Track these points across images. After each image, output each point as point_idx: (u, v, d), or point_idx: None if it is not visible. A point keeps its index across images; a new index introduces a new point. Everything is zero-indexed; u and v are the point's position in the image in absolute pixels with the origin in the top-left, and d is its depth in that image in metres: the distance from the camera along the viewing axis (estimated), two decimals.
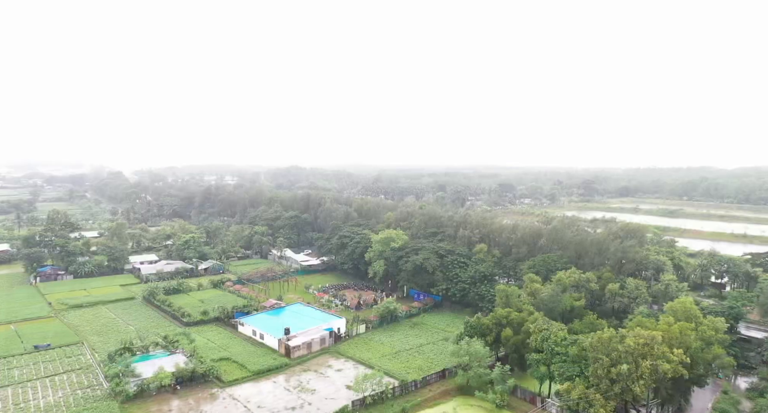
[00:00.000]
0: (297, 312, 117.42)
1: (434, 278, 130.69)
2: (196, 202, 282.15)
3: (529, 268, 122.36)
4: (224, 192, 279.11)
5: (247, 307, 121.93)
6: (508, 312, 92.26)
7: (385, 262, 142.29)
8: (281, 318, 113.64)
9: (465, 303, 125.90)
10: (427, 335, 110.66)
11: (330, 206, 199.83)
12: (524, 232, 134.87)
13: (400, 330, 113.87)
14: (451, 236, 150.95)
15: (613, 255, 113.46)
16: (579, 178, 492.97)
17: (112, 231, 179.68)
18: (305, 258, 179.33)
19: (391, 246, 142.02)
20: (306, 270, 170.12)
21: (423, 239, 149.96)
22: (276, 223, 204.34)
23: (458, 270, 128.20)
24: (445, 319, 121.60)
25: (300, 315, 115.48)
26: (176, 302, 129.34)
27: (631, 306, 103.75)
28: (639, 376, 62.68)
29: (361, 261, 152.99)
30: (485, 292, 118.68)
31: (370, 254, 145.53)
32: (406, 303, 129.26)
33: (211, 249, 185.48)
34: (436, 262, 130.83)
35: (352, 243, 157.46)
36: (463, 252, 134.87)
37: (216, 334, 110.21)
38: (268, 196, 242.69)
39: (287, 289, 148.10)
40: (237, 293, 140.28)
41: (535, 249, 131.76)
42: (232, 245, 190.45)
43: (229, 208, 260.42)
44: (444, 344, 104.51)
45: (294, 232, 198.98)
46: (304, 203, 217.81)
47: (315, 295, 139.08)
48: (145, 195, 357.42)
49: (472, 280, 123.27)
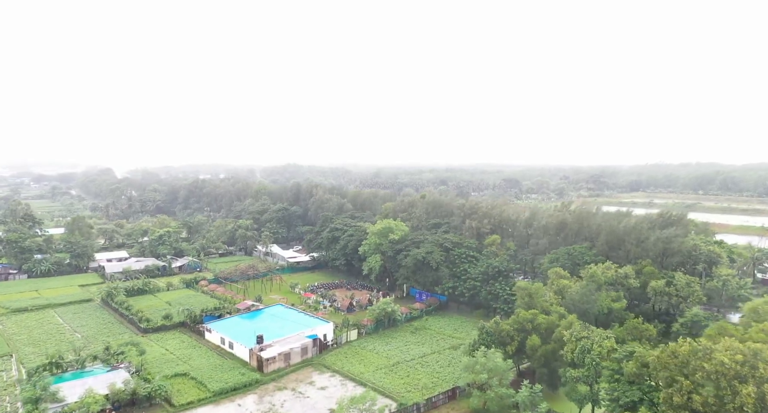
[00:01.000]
0: (276, 316, 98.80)
1: (439, 275, 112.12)
2: (181, 197, 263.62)
3: (551, 262, 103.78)
4: (209, 185, 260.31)
5: (219, 310, 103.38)
6: (534, 315, 73.63)
7: (381, 257, 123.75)
8: (256, 322, 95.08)
9: (475, 304, 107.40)
10: (431, 342, 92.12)
11: (322, 197, 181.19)
12: (544, 221, 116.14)
13: (399, 336, 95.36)
14: (457, 227, 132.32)
15: (653, 246, 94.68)
16: (585, 174, 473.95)
17: (70, 224, 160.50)
18: (293, 254, 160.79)
19: (389, 238, 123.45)
20: (294, 267, 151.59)
21: (425, 231, 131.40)
22: (262, 217, 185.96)
23: (467, 266, 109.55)
24: (452, 323, 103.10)
25: (279, 319, 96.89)
26: (138, 304, 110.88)
27: (681, 307, 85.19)
28: (738, 407, 43.99)
29: (355, 257, 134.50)
30: (500, 291, 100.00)
31: (364, 247, 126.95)
32: (406, 304, 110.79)
33: (189, 245, 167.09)
34: (440, 256, 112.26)
35: (344, 236, 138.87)
36: (473, 245, 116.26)
37: (177, 343, 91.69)
38: (255, 189, 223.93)
39: (270, 289, 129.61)
40: (211, 294, 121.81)
41: (557, 241, 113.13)
42: (213, 241, 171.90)
43: (215, 202, 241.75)
44: (452, 353, 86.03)
45: (282, 226, 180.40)
46: (293, 195, 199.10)
47: (301, 296, 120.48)
48: (130, 191, 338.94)
49: (483, 277, 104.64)
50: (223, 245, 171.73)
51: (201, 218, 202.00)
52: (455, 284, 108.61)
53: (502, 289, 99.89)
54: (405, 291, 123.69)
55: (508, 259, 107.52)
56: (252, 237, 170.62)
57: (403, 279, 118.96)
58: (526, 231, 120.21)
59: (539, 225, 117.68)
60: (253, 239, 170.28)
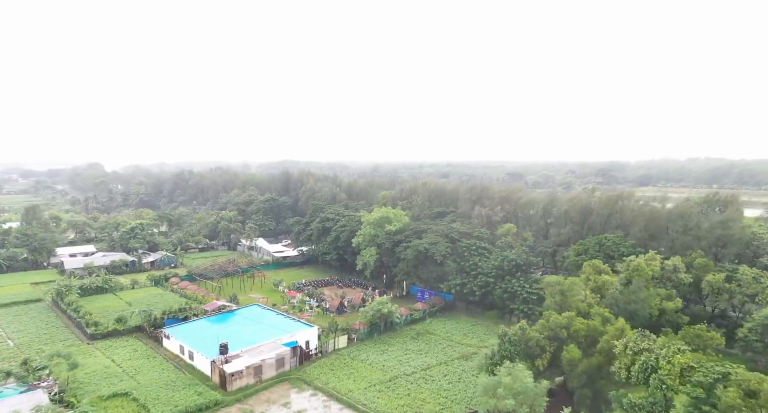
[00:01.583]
0: (250, 319, 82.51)
1: (444, 270, 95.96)
2: (166, 189, 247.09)
3: (578, 254, 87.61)
4: (195, 177, 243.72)
5: (184, 311, 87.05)
6: (569, 319, 57.39)
7: (378, 250, 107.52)
8: (226, 327, 78.82)
9: (488, 304, 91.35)
10: (436, 350, 75.98)
11: (314, 186, 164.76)
12: (566, 207, 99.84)
13: (398, 342, 79.28)
14: (465, 216, 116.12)
15: (707, 234, 78.32)
16: (592, 168, 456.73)
17: (25, 215, 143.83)
18: (280, 248, 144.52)
19: (386, 229, 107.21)
20: (280, 263, 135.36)
21: (428, 220, 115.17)
22: (248, 209, 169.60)
23: (477, 259, 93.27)
24: (461, 327, 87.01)
25: (254, 322, 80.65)
26: (92, 305, 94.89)
27: (746, 308, 68.96)
28: None
29: (348, 251, 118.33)
30: (518, 288, 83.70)
31: (358, 239, 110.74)
32: (406, 305, 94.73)
33: (165, 239, 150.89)
34: (446, 248, 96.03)
35: (336, 227, 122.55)
36: (484, 235, 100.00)
37: (129, 352, 75.52)
38: (242, 179, 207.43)
39: (251, 287, 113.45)
40: (181, 292, 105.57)
41: (581, 230, 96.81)
42: (192, 234, 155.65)
43: (201, 195, 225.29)
44: (462, 365, 69.98)
45: (269, 218, 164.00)
46: (283, 184, 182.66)
47: (284, 294, 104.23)
48: (116, 185, 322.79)
49: (497, 272, 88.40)
50: (203, 239, 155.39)
51: (183, 210, 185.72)
52: (464, 281, 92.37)
53: (521, 287, 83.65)
54: (405, 289, 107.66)
55: (527, 251, 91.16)
56: (235, 230, 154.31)
57: (402, 275, 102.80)
58: (544, 220, 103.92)
59: (560, 213, 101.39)
60: (236, 232, 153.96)
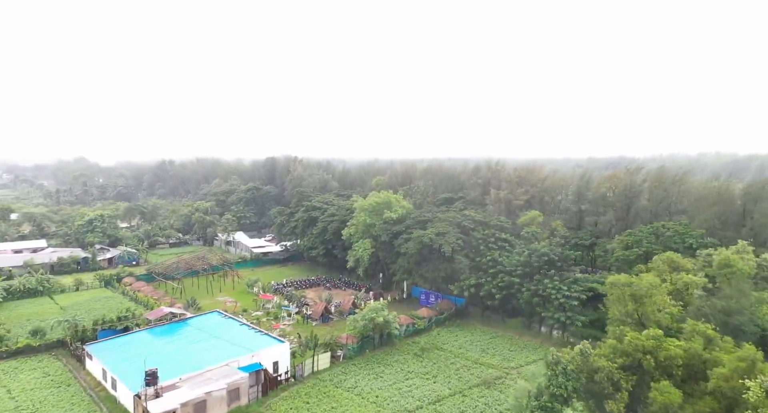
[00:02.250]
0: (204, 332, 63.18)
1: (454, 267, 76.87)
2: (146, 181, 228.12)
3: (627, 247, 68.52)
4: (176, 167, 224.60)
5: (125, 321, 68.02)
6: (657, 340, 38.22)
7: (373, 243, 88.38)
8: (168, 343, 59.60)
9: (510, 310, 72.48)
10: (447, 373, 56.99)
11: (301, 173, 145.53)
12: (605, 189, 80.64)
13: (396, 362, 60.33)
14: (476, 203, 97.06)
15: None
16: (600, 163, 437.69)
17: None
18: (261, 243, 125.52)
19: (385, 216, 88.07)
20: (260, 260, 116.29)
21: (432, 207, 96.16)
22: (228, 199, 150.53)
23: (497, 254, 74.02)
24: (477, 339, 68.11)
25: (207, 336, 61.36)
26: (14, 312, 76.18)
27: None
28: None
29: (338, 245, 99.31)
30: (552, 291, 64.48)
31: (350, 230, 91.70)
32: (407, 311, 75.85)
33: (131, 232, 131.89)
34: (457, 240, 76.82)
35: (324, 217, 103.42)
36: (505, 224, 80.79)
37: (38, 377, 56.45)
38: (225, 169, 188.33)
39: (220, 288, 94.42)
40: (132, 295, 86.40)
41: (627, 217, 77.67)
42: (163, 228, 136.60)
43: (181, 186, 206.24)
44: (484, 396, 51.08)
45: (251, 210, 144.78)
46: (268, 172, 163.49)
47: (257, 297, 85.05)
48: (98, 178, 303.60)
49: (524, 270, 69.25)
50: (175, 233, 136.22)
51: (156, 201, 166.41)
52: (479, 280, 73.17)
53: (555, 288, 64.46)
54: (405, 290, 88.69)
55: (561, 243, 71.86)
56: (212, 223, 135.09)
57: (402, 273, 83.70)
58: (577, 206, 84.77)
59: (597, 197, 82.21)
60: (213, 225, 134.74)
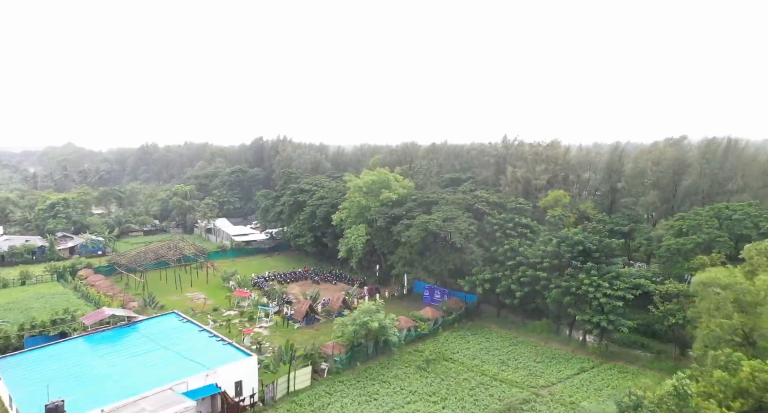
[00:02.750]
0: (153, 341, 50.24)
1: (464, 258, 63.87)
2: (129, 165, 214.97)
3: (679, 234, 55.58)
4: (160, 151, 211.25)
5: (61, 325, 55.39)
6: None
7: (368, 229, 75.34)
8: (103, 356, 46.68)
9: (532, 310, 59.82)
10: (459, 394, 44.43)
11: (291, 154, 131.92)
12: (642, 164, 67.36)
13: (395, 377, 47.68)
14: (487, 183, 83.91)
15: None
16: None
17: None
18: (244, 231, 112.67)
19: (383, 196, 75.00)
20: (242, 249, 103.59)
21: (438, 188, 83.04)
22: (211, 183, 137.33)
23: (517, 242, 60.93)
24: (494, 345, 55.53)
25: (156, 346, 48.46)
26: None
27: None
28: None
29: (328, 232, 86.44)
30: (589, 288, 51.39)
31: (341, 214, 78.65)
32: (408, 310, 63.20)
33: (100, 218, 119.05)
34: (467, 226, 63.71)
35: (312, 200, 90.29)
36: (526, 207, 67.66)
37: None
38: (210, 151, 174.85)
39: (192, 282, 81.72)
40: (85, 290, 73.58)
41: (674, 198, 64.55)
42: (137, 213, 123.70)
43: (166, 170, 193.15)
44: None
45: (236, 194, 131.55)
46: (255, 154, 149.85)
47: (231, 294, 72.22)
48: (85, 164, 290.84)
49: (552, 262, 56.20)
50: (150, 219, 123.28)
51: (134, 186, 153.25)
52: (495, 274, 60.24)
53: (595, 285, 51.46)
54: (406, 285, 75.94)
55: (599, 229, 58.63)
56: (191, 208, 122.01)
57: (403, 265, 70.75)
58: (609, 185, 71.59)
59: (635, 173, 68.93)
60: (192, 211, 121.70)
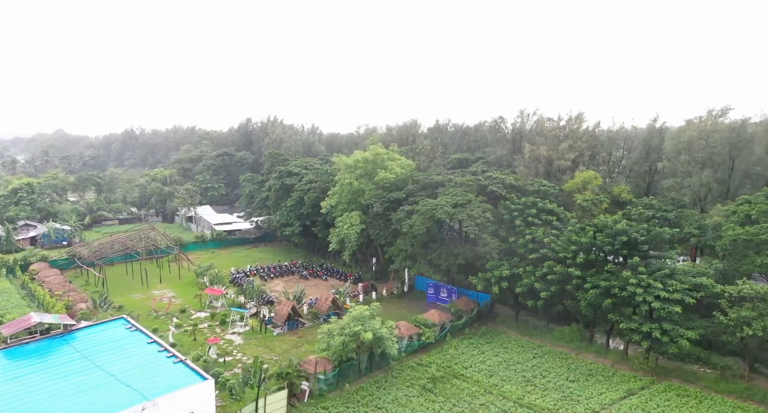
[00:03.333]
0: (85, 357, 39.47)
1: (476, 252, 53.15)
2: (114, 151, 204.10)
3: (745, 222, 44.80)
4: (146, 135, 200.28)
5: None
6: None
7: (362, 216, 64.65)
8: (9, 383, 36.12)
9: (557, 313, 49.27)
10: None
11: (281, 135, 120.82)
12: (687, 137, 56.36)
13: (393, 403, 37.25)
14: (503, 164, 73.06)
15: None
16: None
17: None
18: (228, 219, 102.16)
19: (379, 177, 64.27)
20: (225, 240, 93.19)
21: (444, 169, 72.20)
22: (195, 167, 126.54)
23: (541, 231, 50.15)
24: (515, 358, 45.12)
25: (86, 366, 37.75)
26: None
27: None
28: None
29: (318, 221, 75.79)
30: (637, 290, 40.57)
31: (330, 200, 67.95)
32: (409, 313, 52.70)
33: (71, 205, 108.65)
34: (482, 213, 52.89)
35: (300, 184, 79.51)
36: (550, 190, 56.88)
37: None
38: (198, 134, 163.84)
39: (162, 277, 71.33)
40: (31, 289, 63.11)
41: (729, 180, 53.70)
42: (111, 201, 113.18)
43: (151, 155, 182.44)
44: None
45: (221, 180, 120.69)
46: (243, 136, 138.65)
47: (201, 293, 61.72)
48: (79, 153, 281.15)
49: (585, 257, 45.27)
50: (125, 206, 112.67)
51: (114, 171, 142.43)
52: (515, 270, 49.63)
53: (645, 286, 40.72)
54: (407, 281, 65.38)
55: (647, 217, 47.66)
56: (170, 194, 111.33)
57: (403, 259, 60.11)
58: (646, 165, 60.85)
59: (676, 151, 58.02)
60: (172, 197, 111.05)
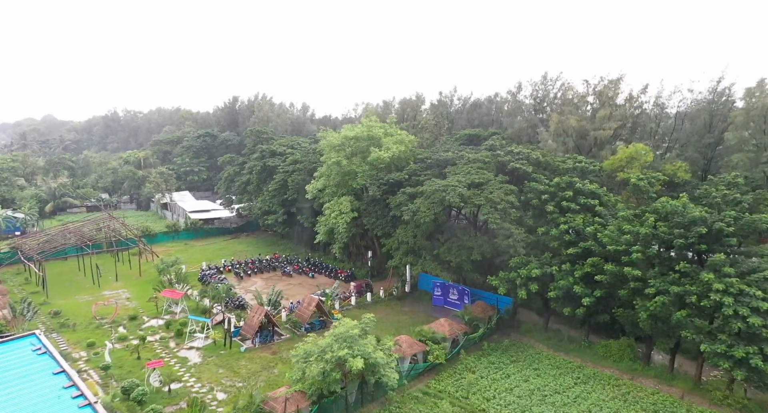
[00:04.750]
0: None
1: (496, 245, 41.82)
2: (96, 134, 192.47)
3: None
4: (128, 117, 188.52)
5: None
6: None
7: (354, 202, 53.36)
8: None
9: (598, 325, 38.18)
10: None
11: (268, 113, 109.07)
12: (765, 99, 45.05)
13: None
14: (522, 140, 61.68)
15: None
16: None
17: None
18: (205, 206, 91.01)
19: (372, 157, 52.84)
20: (200, 230, 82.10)
21: (453, 145, 60.76)
22: (175, 149, 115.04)
23: (581, 219, 38.79)
24: (549, 383, 33.92)
25: None
26: None
27: None
28: None
29: (304, 208, 64.54)
30: (724, 298, 29.30)
31: (316, 183, 56.60)
32: (412, 322, 41.57)
33: (32, 191, 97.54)
34: (504, 197, 41.49)
35: (284, 166, 68.09)
36: (589, 167, 45.61)
37: None
38: (181, 115, 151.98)
39: (122, 274, 60.44)
40: None
41: None
42: (78, 186, 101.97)
43: (134, 138, 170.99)
44: None
45: (203, 163, 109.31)
46: (228, 116, 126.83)
47: (157, 295, 50.60)
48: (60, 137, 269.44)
49: (646, 252, 33.89)
50: (94, 192, 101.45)
51: (90, 154, 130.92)
52: (549, 269, 38.31)
53: (735, 293, 29.41)
54: (409, 280, 54.24)
55: (736, 202, 36.16)
56: (145, 178, 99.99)
57: (404, 253, 48.87)
58: (708, 136, 49.58)
59: (747, 118, 46.62)
60: (145, 181, 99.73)
